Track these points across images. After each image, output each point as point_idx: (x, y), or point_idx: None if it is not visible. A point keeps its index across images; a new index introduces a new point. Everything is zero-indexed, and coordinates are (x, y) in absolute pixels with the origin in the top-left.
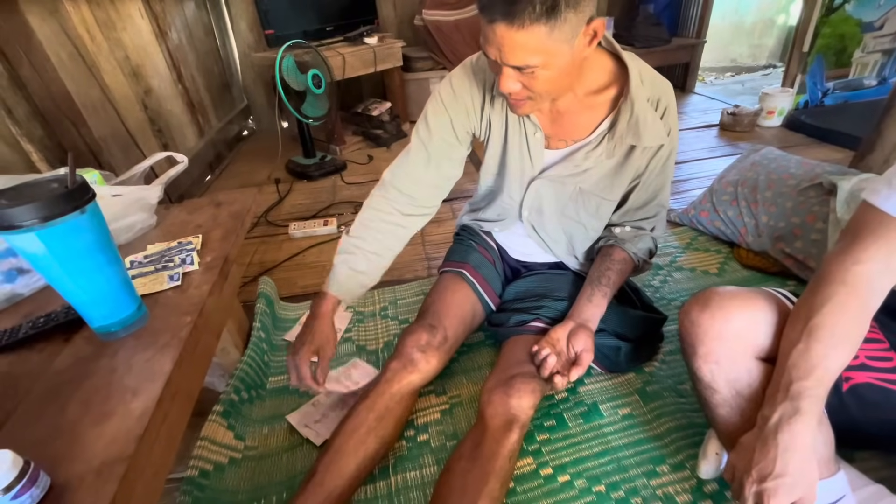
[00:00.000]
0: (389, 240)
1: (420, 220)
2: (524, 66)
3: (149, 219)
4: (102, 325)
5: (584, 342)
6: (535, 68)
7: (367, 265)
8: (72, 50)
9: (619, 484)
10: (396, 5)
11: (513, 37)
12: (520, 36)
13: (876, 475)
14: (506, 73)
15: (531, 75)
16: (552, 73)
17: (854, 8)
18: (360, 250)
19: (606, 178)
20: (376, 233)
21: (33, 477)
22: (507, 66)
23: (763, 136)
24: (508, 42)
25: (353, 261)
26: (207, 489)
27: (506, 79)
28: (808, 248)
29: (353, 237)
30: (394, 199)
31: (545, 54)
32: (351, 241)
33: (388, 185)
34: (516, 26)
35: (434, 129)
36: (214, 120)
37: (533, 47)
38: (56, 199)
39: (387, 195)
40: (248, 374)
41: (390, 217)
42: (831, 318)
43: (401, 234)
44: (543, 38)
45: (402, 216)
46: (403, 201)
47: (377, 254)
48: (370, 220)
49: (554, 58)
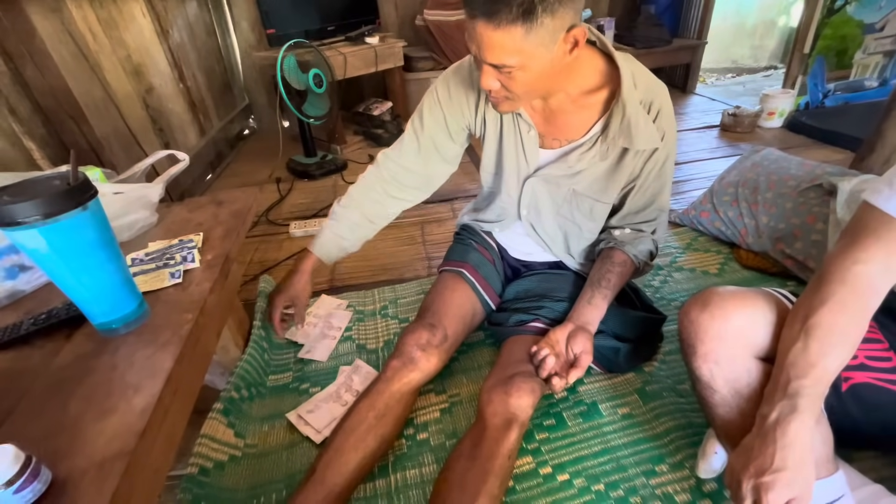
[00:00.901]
0: (372, 214)
1: (402, 204)
2: (501, 65)
3: (150, 217)
4: (104, 322)
5: (584, 344)
6: (512, 69)
7: (349, 233)
8: (74, 48)
9: (618, 483)
10: (398, 5)
11: (490, 35)
12: (497, 35)
13: (875, 475)
14: (485, 70)
15: (508, 75)
16: (528, 76)
17: (855, 9)
18: (346, 219)
19: (600, 180)
20: (361, 206)
21: (35, 471)
22: (485, 63)
23: (764, 138)
24: (487, 39)
25: (338, 227)
26: (207, 487)
27: (485, 76)
28: (808, 249)
29: (342, 206)
30: (383, 178)
31: (521, 55)
32: (339, 210)
33: (380, 165)
34: (493, 24)
35: (427, 123)
36: (215, 119)
37: (509, 47)
38: (58, 196)
39: (378, 174)
40: (249, 372)
41: (376, 195)
42: (830, 318)
43: (382, 212)
44: (519, 39)
45: (387, 196)
46: (391, 182)
47: (359, 224)
48: (359, 193)
49: (530, 60)
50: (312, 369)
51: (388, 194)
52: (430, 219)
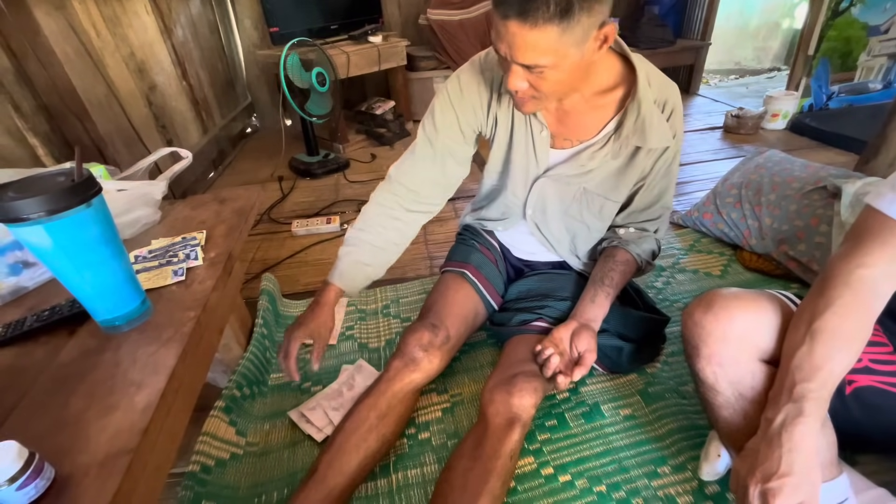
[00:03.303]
0: (393, 234)
1: (424, 217)
2: (533, 66)
3: (153, 214)
4: (107, 319)
5: (587, 342)
6: (544, 68)
7: (371, 258)
8: (78, 45)
9: (620, 484)
10: (401, 4)
11: (525, 35)
12: (532, 35)
13: (879, 478)
14: (514, 70)
15: (539, 75)
16: (560, 75)
17: (860, 11)
18: (365, 243)
19: (611, 178)
20: (380, 227)
21: (38, 468)
22: (516, 63)
23: (767, 139)
24: (520, 40)
25: (358, 253)
26: (209, 484)
27: (514, 77)
28: (811, 252)
29: (358, 230)
30: (398, 194)
31: (555, 55)
32: (355, 235)
33: (393, 180)
34: (529, 24)
35: (440, 126)
36: (218, 117)
37: (544, 47)
38: (63, 193)
39: (392, 190)
40: (251, 371)
41: (394, 212)
42: (835, 321)
43: (405, 229)
44: (555, 38)
45: (406, 212)
46: (408, 197)
47: (381, 248)
48: (375, 214)
49: (563, 59)
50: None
51: (407, 209)
52: (432, 218)
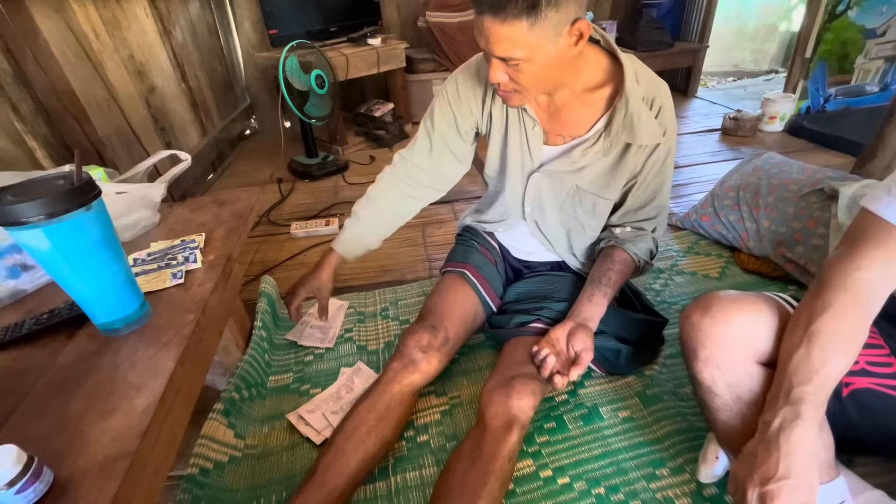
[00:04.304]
0: (391, 212)
1: (420, 202)
2: (508, 59)
3: (152, 216)
4: (106, 322)
5: (584, 341)
6: (519, 61)
7: (369, 230)
8: (77, 48)
9: (618, 487)
10: (400, 6)
11: (497, 29)
12: (503, 29)
13: (876, 480)
14: (493, 63)
15: (516, 68)
16: (535, 68)
17: (857, 14)
18: (365, 218)
19: (603, 176)
20: (379, 205)
21: (37, 472)
22: (494, 56)
23: (765, 142)
24: (494, 34)
25: (358, 225)
26: (207, 487)
27: (494, 69)
28: (809, 254)
29: (361, 206)
30: (400, 178)
31: (527, 48)
32: (358, 209)
33: (396, 165)
34: (500, 19)
35: (438, 123)
36: (217, 119)
37: (516, 41)
38: (62, 196)
39: (394, 173)
40: (249, 373)
41: (393, 195)
42: (832, 324)
43: (402, 210)
44: (524, 32)
45: (405, 196)
46: (408, 182)
47: (378, 223)
48: (377, 193)
49: (536, 53)
50: (313, 370)
51: (405, 194)
52: (431, 220)
